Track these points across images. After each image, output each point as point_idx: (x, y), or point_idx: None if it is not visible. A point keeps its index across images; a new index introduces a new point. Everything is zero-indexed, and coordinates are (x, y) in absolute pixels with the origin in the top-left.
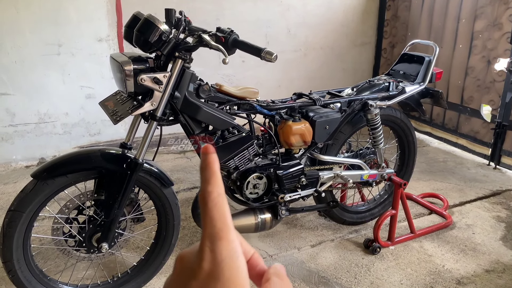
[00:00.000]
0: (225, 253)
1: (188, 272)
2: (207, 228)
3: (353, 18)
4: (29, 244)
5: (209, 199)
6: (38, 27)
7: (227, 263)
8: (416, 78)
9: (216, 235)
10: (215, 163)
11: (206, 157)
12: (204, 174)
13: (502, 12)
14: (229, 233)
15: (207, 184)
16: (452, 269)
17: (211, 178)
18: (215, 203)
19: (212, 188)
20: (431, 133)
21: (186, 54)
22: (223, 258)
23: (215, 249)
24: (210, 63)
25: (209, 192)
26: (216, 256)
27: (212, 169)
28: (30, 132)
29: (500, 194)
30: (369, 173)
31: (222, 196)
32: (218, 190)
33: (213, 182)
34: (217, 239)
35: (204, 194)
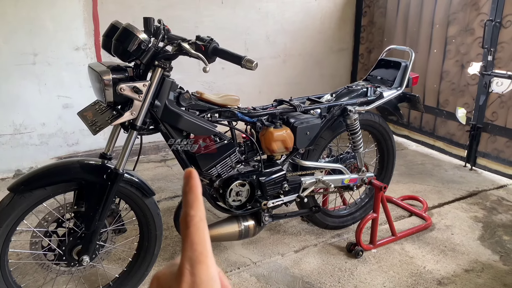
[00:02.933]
0: (204, 277)
1: None
2: (187, 251)
3: (330, 25)
4: (6, 259)
5: (191, 223)
6: (13, 36)
7: (205, 286)
8: (393, 83)
9: (196, 259)
10: (198, 188)
11: (189, 181)
12: (187, 198)
13: (473, 18)
14: (208, 258)
15: (190, 208)
16: (433, 270)
17: (194, 203)
18: (197, 227)
19: (195, 213)
20: (409, 136)
21: (165, 63)
22: (202, 282)
23: (195, 272)
24: (189, 71)
25: (192, 216)
26: (196, 280)
27: (195, 193)
28: (5, 143)
29: (477, 195)
30: (350, 177)
31: (203, 221)
32: (200, 215)
33: (196, 206)
34: (197, 263)
35: (187, 217)
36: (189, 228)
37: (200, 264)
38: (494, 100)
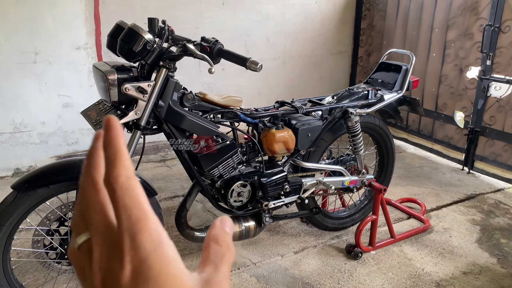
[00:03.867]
0: (149, 245)
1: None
2: (122, 221)
3: (330, 27)
4: (8, 257)
5: (117, 186)
6: (14, 35)
7: (153, 257)
8: (394, 86)
9: (134, 228)
10: (120, 138)
11: (108, 133)
12: (107, 155)
13: (472, 22)
14: (149, 221)
15: (111, 168)
16: (431, 272)
17: (115, 159)
18: (125, 188)
19: (118, 172)
20: (407, 139)
21: (170, 63)
22: (148, 252)
23: (137, 244)
24: (189, 71)
25: (115, 177)
26: (140, 253)
27: (116, 146)
28: (4, 142)
29: (474, 198)
30: (350, 179)
31: (132, 179)
32: (126, 173)
33: (118, 163)
34: (137, 232)
35: (109, 180)
36: (115, 192)
37: (141, 232)
38: (492, 104)
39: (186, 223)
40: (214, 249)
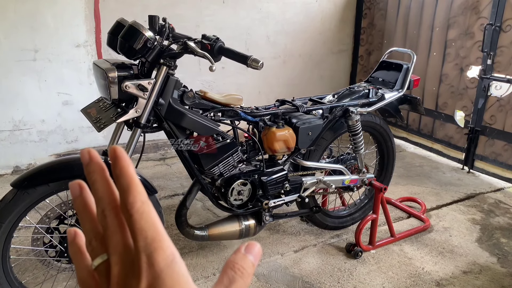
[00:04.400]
0: (163, 262)
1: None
2: (139, 242)
3: (331, 26)
4: (8, 255)
5: (133, 211)
6: (13, 32)
7: (166, 273)
8: (395, 85)
9: (150, 247)
10: (130, 167)
11: (117, 162)
12: (121, 183)
13: (473, 21)
14: (163, 241)
15: (126, 195)
16: (431, 271)
17: (129, 187)
18: (140, 213)
19: (133, 198)
20: (407, 138)
21: (171, 61)
22: (161, 269)
23: (153, 262)
24: (189, 70)
25: (131, 204)
26: (155, 270)
27: (128, 175)
28: (4, 139)
29: (474, 197)
30: (351, 178)
31: (146, 203)
32: (141, 198)
33: (132, 190)
34: (153, 251)
35: (127, 206)
36: (132, 217)
37: (156, 251)
38: (492, 103)
39: (186, 221)
40: (228, 273)
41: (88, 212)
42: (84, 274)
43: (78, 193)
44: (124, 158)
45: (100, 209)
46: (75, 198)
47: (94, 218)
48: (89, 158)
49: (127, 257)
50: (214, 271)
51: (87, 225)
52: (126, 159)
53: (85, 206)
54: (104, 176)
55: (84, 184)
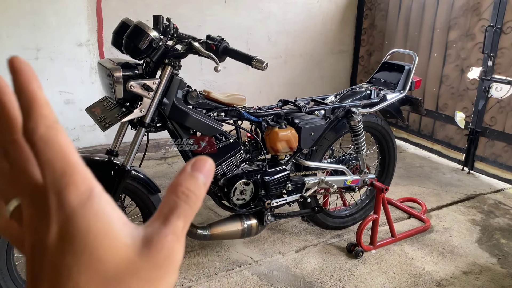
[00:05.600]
0: (75, 201)
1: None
2: (46, 177)
3: (332, 27)
4: (12, 253)
5: (36, 138)
6: (16, 31)
7: (80, 213)
8: (397, 86)
9: (59, 183)
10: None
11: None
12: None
13: (474, 23)
14: (76, 174)
15: (27, 119)
16: (432, 271)
17: (30, 108)
18: (45, 140)
19: (35, 122)
20: (407, 139)
21: (175, 61)
22: (73, 209)
23: (64, 200)
24: (190, 70)
25: (33, 129)
26: (67, 211)
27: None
28: None
29: (474, 198)
30: (352, 179)
31: (53, 128)
32: (45, 122)
33: (34, 112)
34: (63, 188)
35: (27, 133)
36: (36, 146)
37: (67, 187)
38: (493, 105)
39: None
40: (168, 199)
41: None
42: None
43: None
44: (23, 72)
45: (1, 143)
46: None
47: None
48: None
49: (37, 198)
50: (216, 270)
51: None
52: (27, 72)
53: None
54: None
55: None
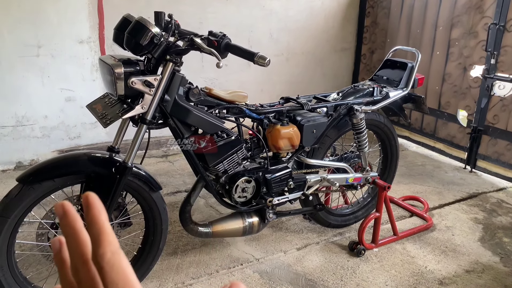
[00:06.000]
0: None
1: None
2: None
3: (334, 24)
4: (13, 250)
5: (104, 263)
6: (17, 28)
7: None
8: (399, 84)
9: None
10: (101, 215)
11: (89, 211)
12: (92, 233)
13: (477, 21)
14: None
15: (97, 246)
16: (434, 270)
17: (99, 237)
18: (111, 264)
19: (103, 249)
20: (409, 137)
21: (176, 58)
22: None
23: None
24: (192, 67)
25: (101, 255)
26: None
27: (98, 224)
28: (7, 135)
29: (477, 197)
30: (354, 176)
31: (117, 254)
32: (112, 249)
33: (102, 240)
34: None
35: (97, 258)
36: (103, 269)
37: None
38: (495, 103)
39: (190, 218)
40: None
41: (65, 267)
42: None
43: (58, 249)
44: (95, 206)
45: (73, 264)
46: (55, 254)
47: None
48: (62, 211)
49: None
50: (217, 268)
51: (63, 280)
52: (98, 206)
53: (63, 262)
54: (76, 228)
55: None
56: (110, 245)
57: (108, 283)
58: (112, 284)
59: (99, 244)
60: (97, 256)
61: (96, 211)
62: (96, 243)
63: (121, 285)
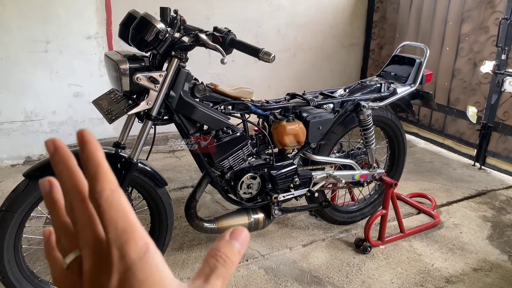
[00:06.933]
0: (135, 255)
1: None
2: (109, 233)
3: (342, 19)
4: (20, 245)
5: (102, 200)
6: (26, 24)
7: (138, 266)
8: (407, 80)
9: (121, 238)
10: (98, 152)
11: (84, 147)
12: (88, 170)
13: (488, 15)
14: (135, 231)
15: (94, 183)
16: (441, 267)
17: (97, 174)
18: (110, 201)
19: (101, 186)
20: (418, 133)
21: (182, 53)
22: (132, 261)
23: (124, 254)
24: (199, 63)
25: (99, 192)
26: (126, 263)
27: (95, 161)
28: (16, 130)
29: (486, 194)
30: (361, 173)
31: (116, 191)
32: (110, 186)
33: (100, 177)
34: (124, 243)
35: (94, 195)
36: (101, 206)
37: (127, 242)
38: (506, 99)
39: (195, 213)
40: (209, 261)
41: (57, 209)
42: (58, 274)
43: (48, 189)
44: (91, 142)
45: (67, 202)
46: (45, 195)
47: (63, 214)
48: (54, 148)
49: (99, 251)
50: None
51: (56, 222)
52: (94, 142)
53: (54, 202)
54: (70, 165)
55: (54, 181)
56: (108, 182)
57: (106, 220)
58: (111, 222)
59: (96, 181)
60: (95, 194)
61: (93, 147)
62: (93, 180)
63: (121, 223)
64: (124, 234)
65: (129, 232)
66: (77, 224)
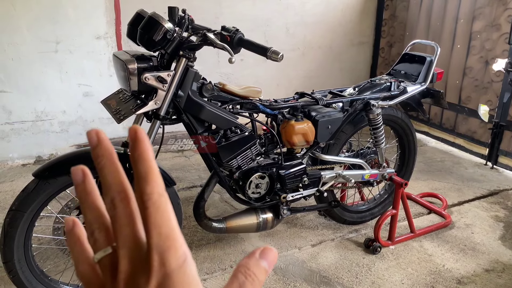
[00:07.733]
0: (175, 263)
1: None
2: (152, 238)
3: (351, 18)
4: (30, 244)
5: (150, 203)
6: (36, 24)
7: (177, 274)
8: (418, 78)
9: (163, 245)
10: (150, 152)
11: (136, 145)
12: (139, 170)
13: (500, 13)
14: (177, 240)
15: (144, 184)
16: (452, 268)
17: (148, 175)
18: (157, 206)
19: (151, 189)
20: (428, 132)
21: (190, 53)
22: (172, 269)
23: (165, 261)
24: (208, 62)
25: (149, 195)
26: (166, 270)
27: (148, 162)
28: (27, 130)
29: (498, 194)
30: (370, 173)
31: (164, 197)
32: (159, 190)
33: (151, 180)
34: (165, 249)
35: (143, 196)
36: (148, 209)
37: (169, 250)
38: None
39: (204, 213)
40: (238, 277)
41: (91, 201)
42: (84, 267)
43: (81, 179)
44: (144, 141)
45: (109, 198)
46: (77, 184)
47: (97, 207)
48: (97, 140)
49: (137, 252)
50: (231, 263)
51: (89, 215)
52: (147, 142)
53: (88, 194)
54: (114, 161)
55: (88, 170)
56: (158, 186)
57: (151, 224)
58: (155, 227)
59: (147, 182)
60: (144, 195)
61: (145, 146)
62: (143, 181)
63: (165, 229)
64: (166, 240)
65: (172, 239)
66: (116, 222)
